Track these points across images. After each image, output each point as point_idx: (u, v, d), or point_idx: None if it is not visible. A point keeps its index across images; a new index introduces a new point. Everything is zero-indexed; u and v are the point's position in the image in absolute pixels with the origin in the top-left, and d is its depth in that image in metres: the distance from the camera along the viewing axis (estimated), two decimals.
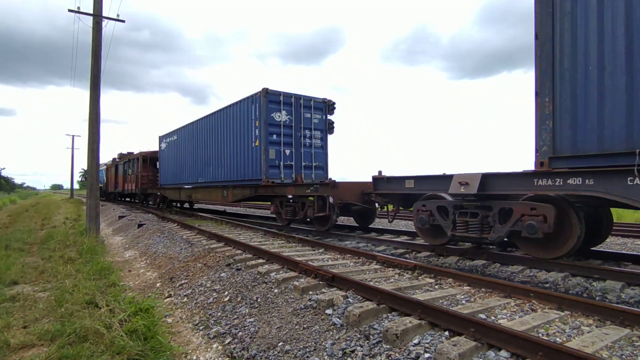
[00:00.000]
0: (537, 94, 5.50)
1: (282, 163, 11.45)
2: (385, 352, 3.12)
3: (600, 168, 4.81)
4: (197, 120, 15.72)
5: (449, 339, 3.17)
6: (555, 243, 5.62)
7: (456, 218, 6.38)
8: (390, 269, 5.87)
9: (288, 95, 11.58)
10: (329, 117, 12.37)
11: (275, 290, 4.91)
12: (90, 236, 9.99)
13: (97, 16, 10.86)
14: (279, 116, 11.36)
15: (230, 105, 12.95)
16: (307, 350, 3.48)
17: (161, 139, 20.05)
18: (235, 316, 4.57)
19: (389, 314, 3.79)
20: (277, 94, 11.37)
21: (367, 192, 8.95)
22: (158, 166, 20.88)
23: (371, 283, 4.70)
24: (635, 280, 4.92)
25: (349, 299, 4.19)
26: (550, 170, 5.29)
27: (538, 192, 5.46)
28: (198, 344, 4.19)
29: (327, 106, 11.80)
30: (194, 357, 3.93)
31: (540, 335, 3.30)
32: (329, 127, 12.32)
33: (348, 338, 3.46)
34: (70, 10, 10.90)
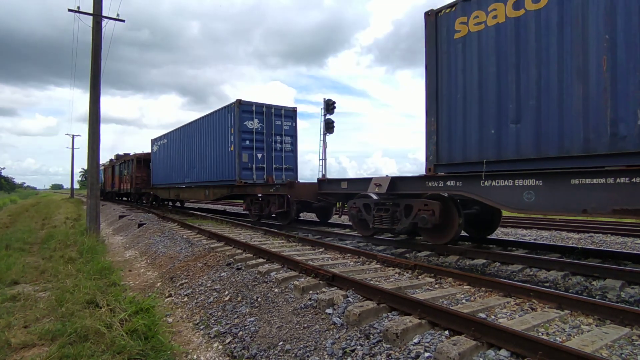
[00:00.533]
0: (426, 114, 6.94)
1: (254, 166, 12.81)
2: (386, 352, 3.12)
3: (464, 173, 6.32)
4: (183, 126, 17.18)
5: (449, 338, 3.18)
6: (442, 232, 7.09)
7: (375, 213, 7.84)
8: (391, 268, 5.88)
9: (260, 105, 12.97)
10: (329, 116, 12.48)
11: (276, 290, 4.91)
12: (90, 236, 10.00)
13: (97, 16, 10.86)
14: (252, 124, 12.78)
15: (210, 114, 14.42)
16: (308, 349, 3.48)
17: (153, 142, 21.40)
18: (236, 315, 4.58)
19: (389, 314, 3.79)
20: (250, 104, 12.79)
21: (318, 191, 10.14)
22: (151, 167, 22.17)
23: (371, 282, 4.71)
24: (635, 279, 4.93)
25: (349, 299, 4.20)
26: (435, 175, 6.77)
27: (428, 192, 7.02)
28: (198, 344, 4.20)
29: (327, 106, 12.19)
30: (195, 357, 3.94)
31: (540, 334, 3.30)
32: (328, 127, 12.66)
33: (348, 337, 3.46)
34: (70, 10, 10.90)
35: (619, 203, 4.68)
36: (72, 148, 51.31)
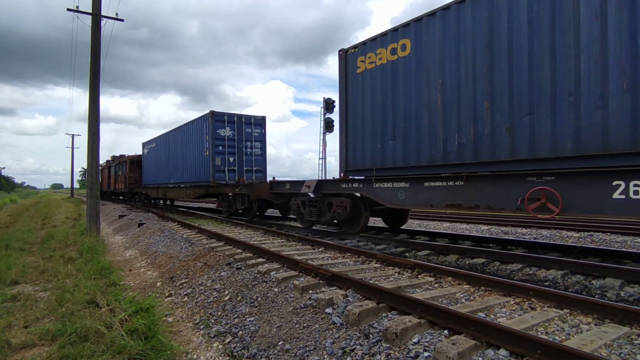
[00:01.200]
0: (339, 130, 9.04)
1: (226, 168, 14.49)
2: (385, 351, 3.13)
3: (363, 177, 8.42)
4: (169, 132, 19.04)
5: (449, 337, 3.18)
6: (353, 223, 9.04)
7: (308, 208, 9.84)
8: (390, 267, 5.88)
9: (231, 115, 14.70)
10: (328, 115, 12.67)
11: (275, 289, 4.92)
12: (90, 235, 10.00)
13: (96, 15, 10.85)
14: (224, 132, 14.46)
15: (189, 122, 16.37)
16: (307, 349, 3.49)
17: (144, 145, 23.27)
18: (236, 315, 4.59)
19: (388, 313, 3.80)
20: (222, 114, 14.53)
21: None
22: (142, 168, 24.10)
23: (371, 282, 4.71)
24: (635, 277, 4.93)
25: (349, 298, 4.20)
26: (346, 178, 8.85)
27: (344, 192, 9.01)
28: (198, 343, 4.21)
29: (327, 105, 12.58)
30: (195, 357, 3.95)
31: (539, 333, 3.31)
32: (327, 126, 13.03)
33: (348, 337, 3.47)
34: (69, 10, 10.89)
35: (449, 199, 6.73)
36: (72, 147, 51.32)
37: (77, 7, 10.88)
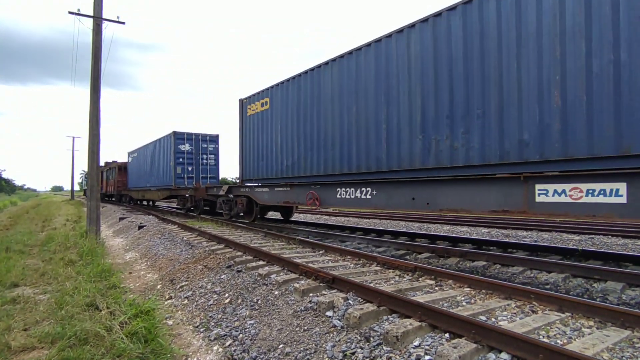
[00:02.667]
0: (239, 152, 12.96)
1: (185, 175, 18.43)
2: (386, 354, 3.11)
3: (250, 184, 12.33)
4: (146, 145, 22.88)
5: (450, 341, 3.17)
6: (249, 215, 12.82)
7: (224, 205, 14.01)
8: (391, 270, 5.87)
9: (190, 134, 18.71)
10: None
11: (276, 292, 4.91)
12: (90, 238, 9.99)
13: (97, 18, 10.88)
14: (184, 147, 18.42)
15: (158, 139, 20.44)
16: (308, 352, 3.47)
17: (129, 154, 26.97)
18: (236, 318, 4.57)
19: (389, 316, 3.79)
20: (182, 134, 18.46)
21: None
22: (127, 174, 28.18)
23: (371, 285, 4.70)
24: (636, 281, 4.92)
25: (350, 301, 4.19)
26: (243, 185, 12.77)
27: (243, 193, 12.76)
28: (199, 346, 4.19)
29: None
30: None
31: (540, 337, 3.29)
32: None
33: (348, 340, 3.46)
34: (70, 13, 10.92)
35: (285, 198, 10.64)
36: (73, 150, 51.35)
37: (79, 10, 10.91)
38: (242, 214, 12.88)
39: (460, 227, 12.82)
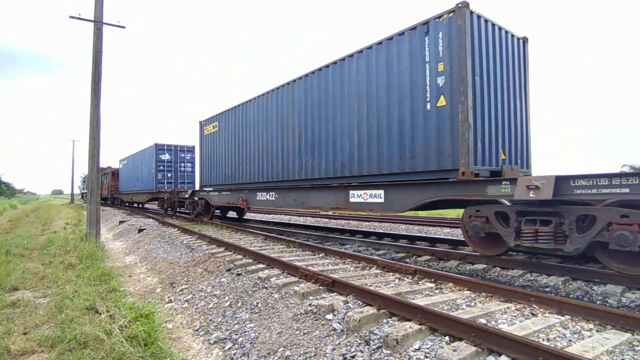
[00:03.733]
0: (200, 164, 15.98)
1: (165, 181, 21.43)
2: (386, 358, 3.11)
3: (207, 190, 15.18)
4: (133, 154, 25.92)
5: (450, 344, 3.17)
6: (206, 214, 15.21)
7: (190, 206, 16.58)
8: (391, 273, 5.87)
9: (169, 145, 21.77)
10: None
11: (276, 296, 4.91)
12: (90, 241, 9.99)
13: (98, 22, 10.92)
14: (164, 156, 21.50)
15: (142, 150, 23.61)
16: (308, 355, 3.47)
17: (120, 161, 30.30)
18: (236, 321, 4.57)
19: (389, 319, 3.79)
20: (163, 145, 21.54)
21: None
22: (119, 179, 31.54)
23: (371, 288, 4.69)
24: (636, 284, 4.91)
25: (349, 304, 4.19)
26: (201, 189, 15.87)
27: (202, 196, 15.40)
28: (198, 350, 4.19)
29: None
30: None
31: (540, 340, 3.29)
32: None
33: (348, 343, 3.45)
34: (71, 17, 10.97)
35: (227, 201, 13.20)
36: (73, 153, 51.41)
37: (80, 14, 10.96)
38: (202, 213, 15.34)
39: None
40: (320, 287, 4.87)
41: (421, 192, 6.75)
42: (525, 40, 7.47)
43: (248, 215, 19.63)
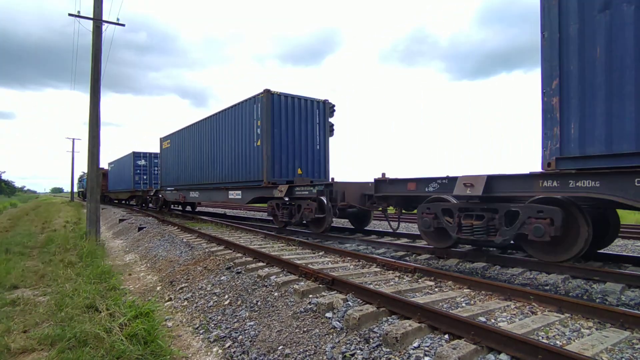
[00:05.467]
0: (160, 168, 22.45)
1: (141, 182, 26.02)
2: (385, 356, 3.11)
3: (165, 189, 20.95)
4: (118, 159, 31.20)
5: (449, 342, 3.17)
6: (166, 208, 21.23)
7: (154, 201, 22.60)
8: (390, 271, 5.87)
9: (145, 153, 26.38)
10: (329, 119, 12.66)
11: (275, 294, 4.91)
12: (90, 240, 9.99)
13: (97, 20, 10.90)
14: (141, 162, 26.26)
15: (124, 156, 28.72)
16: (307, 353, 3.48)
17: (109, 164, 35.18)
18: (236, 320, 4.57)
19: (388, 317, 3.79)
20: (139, 153, 26.31)
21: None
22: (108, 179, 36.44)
23: (371, 286, 4.69)
24: (636, 282, 4.92)
25: (349, 302, 4.19)
26: (161, 189, 21.23)
27: (160, 194, 21.31)
28: (198, 348, 4.19)
29: (327, 107, 12.98)
30: None
31: (540, 338, 3.29)
32: (329, 130, 13.19)
33: (348, 341, 3.46)
34: (70, 15, 10.94)
35: (175, 197, 18.56)
36: (73, 151, 51.36)
37: (79, 12, 10.94)
38: (162, 206, 20.73)
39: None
40: (320, 286, 4.87)
41: (253, 192, 11.90)
42: (325, 100, 12.34)
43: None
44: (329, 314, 4.00)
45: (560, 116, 5.14)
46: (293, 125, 11.44)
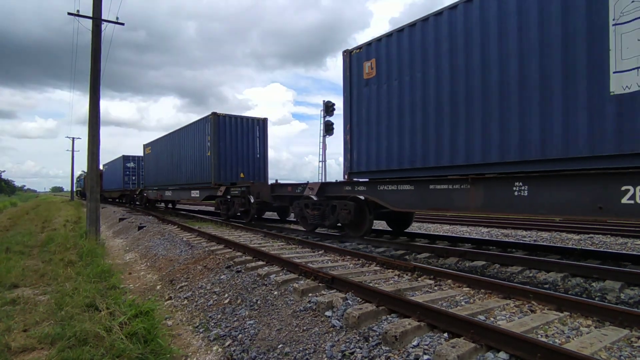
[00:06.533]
0: (144, 174, 26.43)
1: (130, 182, 28.99)
2: (385, 354, 3.12)
3: (148, 189, 23.89)
4: (110, 161, 34.81)
5: (448, 340, 3.17)
6: (149, 205, 24.52)
7: (138, 199, 26.28)
8: (390, 270, 5.88)
9: (134, 156, 29.15)
10: (328, 118, 13.27)
11: (275, 293, 4.91)
12: (90, 239, 10.00)
13: (97, 19, 10.88)
14: (130, 165, 29.07)
15: (116, 159, 31.73)
16: (307, 352, 3.48)
17: (103, 165, 37.63)
18: (235, 318, 4.58)
19: (388, 316, 3.79)
20: (129, 156, 29.05)
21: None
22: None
23: (370, 285, 4.70)
24: (635, 280, 4.93)
25: (349, 301, 4.20)
26: (145, 189, 24.72)
27: (145, 193, 24.58)
28: (198, 347, 4.20)
29: (327, 108, 14.59)
30: None
31: (539, 336, 3.30)
32: (327, 129, 14.26)
33: (347, 340, 3.46)
34: (69, 14, 10.92)
35: (155, 195, 22.18)
36: (72, 151, 51.36)
37: (78, 11, 10.92)
38: (146, 204, 23.54)
39: (460, 227, 12.83)
40: (320, 284, 4.88)
41: (205, 191, 15.18)
42: (265, 119, 15.40)
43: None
44: (328, 313, 4.01)
45: (350, 147, 8.65)
46: (236, 139, 14.46)
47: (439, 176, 6.86)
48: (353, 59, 8.61)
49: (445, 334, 3.29)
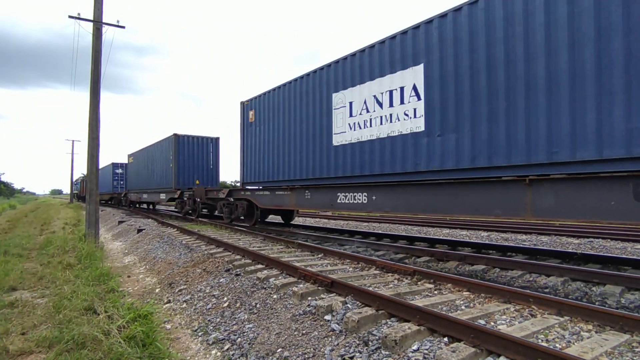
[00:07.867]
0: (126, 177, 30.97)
1: (119, 186, 31.72)
2: (384, 358, 3.11)
3: (132, 192, 27.90)
4: (103, 167, 34.61)
5: (448, 345, 3.16)
6: (132, 206, 28.65)
7: (124, 201, 30.78)
8: (390, 274, 5.86)
9: (122, 164, 31.23)
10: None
11: (274, 296, 4.90)
12: (89, 242, 9.97)
13: (98, 22, 10.91)
14: (118, 170, 31.83)
15: (107, 165, 33.57)
16: (306, 356, 3.46)
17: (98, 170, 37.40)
18: (234, 322, 4.56)
19: (388, 320, 3.78)
20: (117, 163, 31.89)
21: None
22: None
23: (370, 288, 4.68)
24: (635, 284, 4.92)
25: (348, 305, 4.18)
26: (128, 192, 29.06)
27: (127, 195, 30.12)
28: (197, 350, 4.18)
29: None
30: None
31: (539, 341, 3.29)
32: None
33: (347, 344, 3.45)
34: (70, 17, 10.95)
35: (135, 198, 26.28)
36: (72, 153, 51.35)
37: (79, 14, 10.95)
38: (130, 205, 27.10)
39: (460, 231, 12.82)
40: (319, 288, 4.86)
41: (168, 194, 18.33)
42: (217, 138, 18.83)
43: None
44: (328, 317, 3.99)
45: (244, 164, 12.55)
46: (193, 153, 18.09)
47: (279, 186, 10.88)
48: (245, 107, 12.64)
49: (446, 339, 3.28)
